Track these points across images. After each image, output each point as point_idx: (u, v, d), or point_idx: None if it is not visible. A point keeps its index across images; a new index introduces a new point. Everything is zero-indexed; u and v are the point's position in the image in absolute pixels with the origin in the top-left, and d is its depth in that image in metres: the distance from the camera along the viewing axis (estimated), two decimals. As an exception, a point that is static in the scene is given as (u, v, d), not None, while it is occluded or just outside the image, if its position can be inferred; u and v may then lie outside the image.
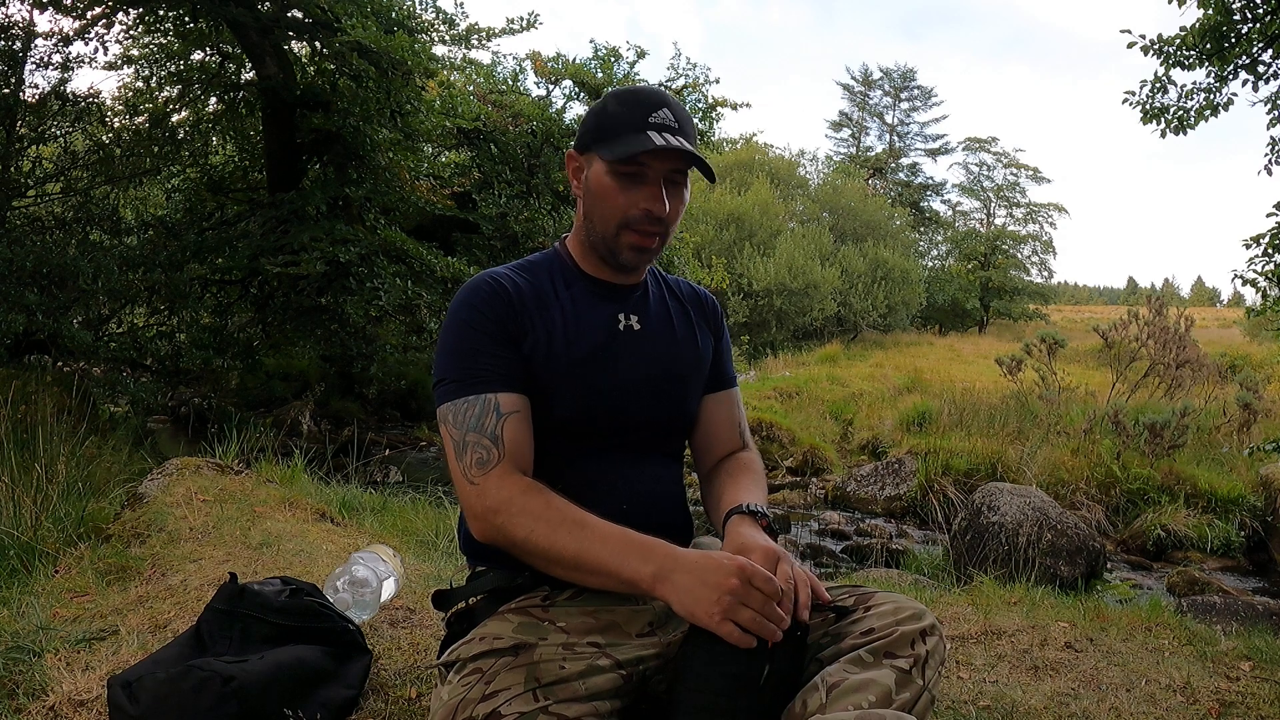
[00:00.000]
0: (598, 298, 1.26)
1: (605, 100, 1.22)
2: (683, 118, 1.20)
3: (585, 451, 1.21)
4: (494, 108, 10.56)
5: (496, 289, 1.20)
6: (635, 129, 1.16)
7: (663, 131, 1.16)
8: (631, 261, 1.22)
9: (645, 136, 1.15)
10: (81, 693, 1.39)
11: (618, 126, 1.17)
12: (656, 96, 1.19)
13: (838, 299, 20.00)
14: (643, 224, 1.19)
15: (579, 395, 1.19)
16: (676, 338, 1.31)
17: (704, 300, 1.41)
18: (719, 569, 0.98)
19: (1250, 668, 1.92)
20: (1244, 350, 14.74)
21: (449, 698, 1.01)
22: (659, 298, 1.34)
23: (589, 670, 1.05)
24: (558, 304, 1.23)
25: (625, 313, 1.26)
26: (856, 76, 35.04)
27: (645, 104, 1.17)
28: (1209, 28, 4.79)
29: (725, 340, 1.42)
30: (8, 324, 5.78)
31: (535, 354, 1.18)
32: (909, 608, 1.10)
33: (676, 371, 1.28)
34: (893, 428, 8.38)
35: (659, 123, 1.16)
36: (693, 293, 1.40)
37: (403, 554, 2.28)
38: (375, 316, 8.67)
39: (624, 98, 1.20)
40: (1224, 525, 5.52)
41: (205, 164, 10.00)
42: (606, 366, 1.21)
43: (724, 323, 1.43)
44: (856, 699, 0.99)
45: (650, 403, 1.24)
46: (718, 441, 1.37)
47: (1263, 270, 5.10)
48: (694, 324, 1.35)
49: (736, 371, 1.47)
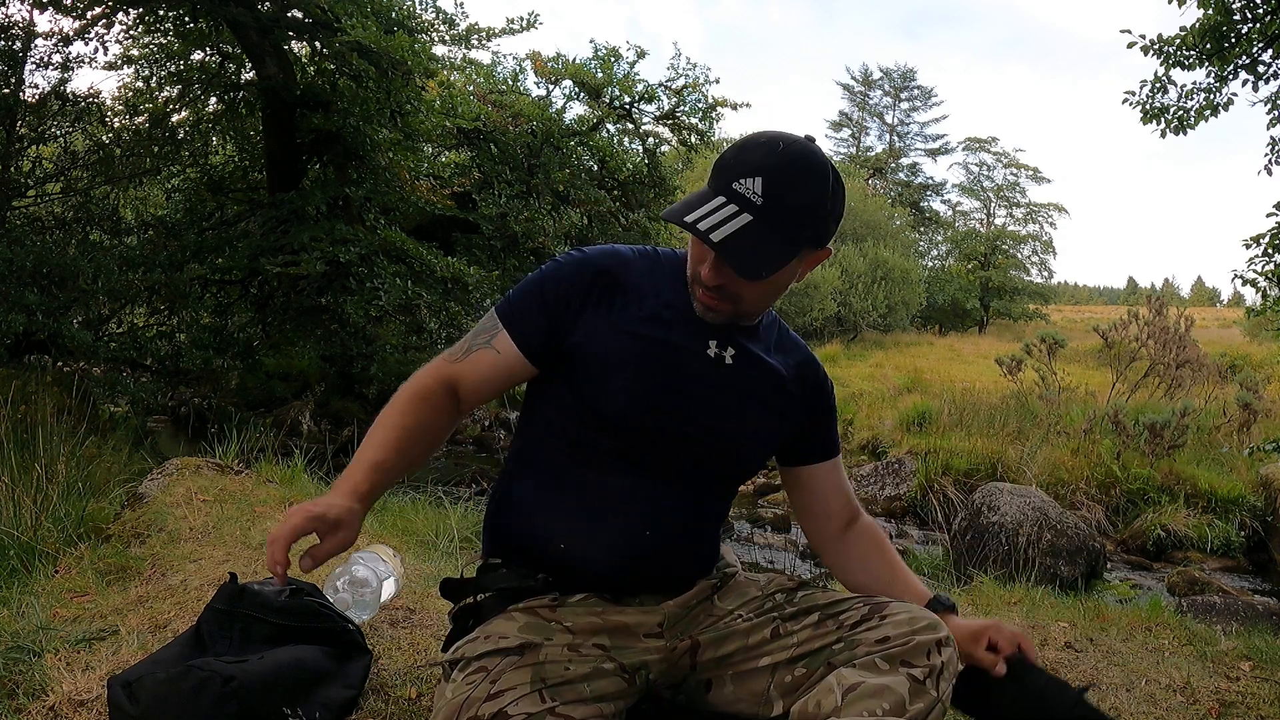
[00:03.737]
0: (696, 317, 1.17)
1: (738, 141, 1.11)
2: (780, 194, 1.04)
3: (625, 465, 1.15)
4: (494, 108, 10.57)
5: (589, 268, 1.17)
6: (716, 186, 1.06)
7: (732, 201, 1.04)
8: (700, 314, 1.15)
9: (704, 205, 1.04)
10: (81, 693, 1.39)
11: (716, 173, 1.08)
12: (760, 158, 1.05)
13: (838, 299, 19.99)
14: (701, 284, 1.11)
15: (635, 396, 1.13)
16: (767, 387, 1.22)
17: (811, 371, 1.31)
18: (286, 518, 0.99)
19: (1250, 668, 1.93)
20: (1244, 350, 14.73)
21: (454, 696, 1.01)
22: (765, 348, 1.24)
23: (594, 673, 1.05)
24: (654, 301, 1.17)
25: (719, 341, 1.18)
26: (856, 76, 35.08)
27: (744, 164, 1.05)
28: (1209, 28, 4.79)
29: (832, 415, 1.34)
30: (8, 324, 5.78)
31: (601, 333, 1.14)
32: (924, 618, 1.09)
33: (751, 414, 1.20)
34: (893, 428, 8.38)
35: (739, 192, 1.04)
36: (803, 359, 1.30)
37: (403, 554, 2.27)
38: (375, 316, 8.66)
39: (743, 147, 1.08)
40: (1224, 525, 5.52)
41: (205, 164, 10.00)
42: (676, 382, 1.15)
43: (830, 397, 1.34)
44: (871, 704, 0.98)
45: (710, 438, 1.17)
46: (833, 510, 1.33)
47: (1263, 270, 5.10)
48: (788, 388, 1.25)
49: None
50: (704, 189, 1.08)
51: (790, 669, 1.13)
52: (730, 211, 1.03)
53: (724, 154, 1.09)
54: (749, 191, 1.03)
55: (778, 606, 1.19)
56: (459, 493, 4.40)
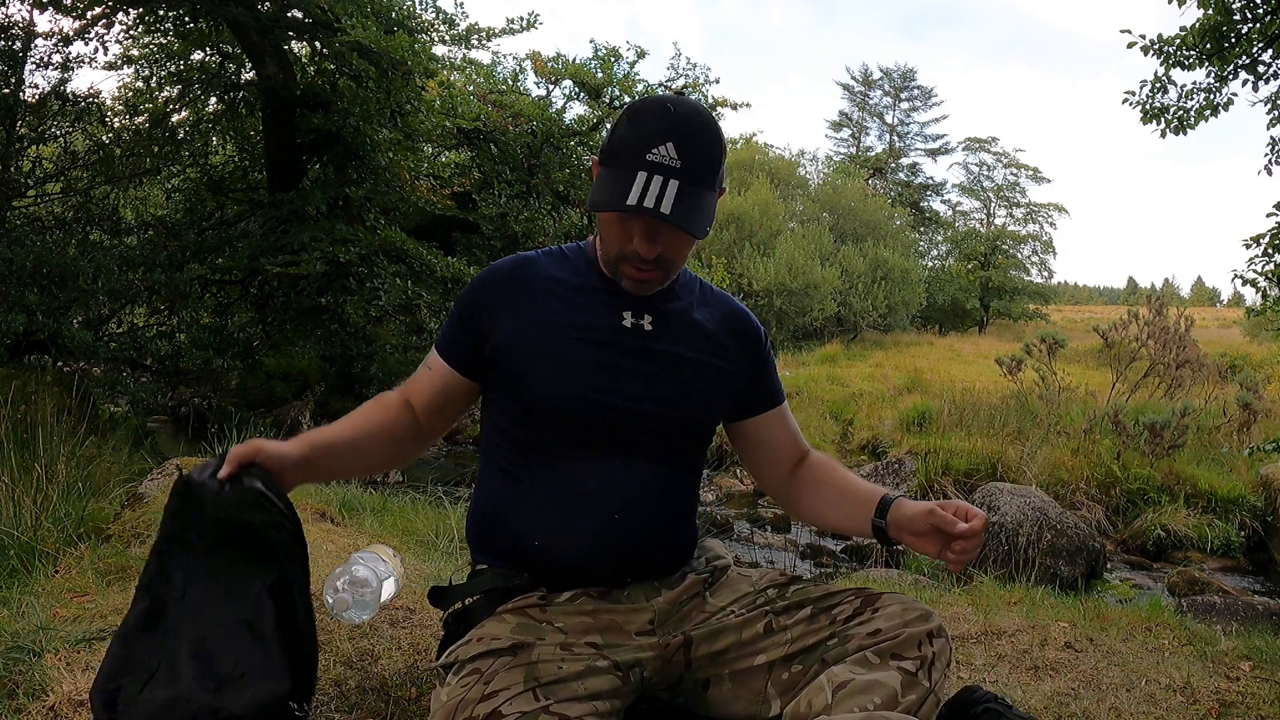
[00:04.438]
0: (606, 293, 1.22)
1: (622, 115, 1.14)
2: (691, 149, 1.08)
3: (578, 451, 1.17)
4: (494, 108, 10.57)
5: (489, 278, 1.25)
6: (630, 164, 1.07)
7: (655, 174, 1.06)
8: (633, 290, 1.19)
9: (629, 183, 1.06)
10: (81, 693, 1.39)
11: (619, 155, 1.10)
12: (663, 124, 1.08)
13: (838, 299, 19.98)
14: (636, 261, 1.14)
15: (562, 381, 1.15)
16: (694, 345, 1.24)
17: (740, 319, 1.32)
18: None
19: (1250, 668, 1.93)
20: (1244, 350, 14.72)
21: (448, 698, 1.01)
22: (686, 306, 1.26)
23: (587, 671, 1.05)
24: (562, 289, 1.22)
25: (634, 310, 1.21)
26: (856, 76, 35.05)
27: (649, 134, 1.07)
28: (1209, 28, 4.79)
29: (768, 360, 1.35)
30: (8, 324, 5.78)
31: (517, 333, 1.19)
32: (916, 609, 1.11)
33: (689, 377, 1.22)
34: (893, 428, 8.37)
35: (656, 161, 1.06)
36: (729, 311, 1.32)
37: (403, 554, 2.27)
38: (375, 316, 8.67)
39: (635, 118, 1.11)
40: (1224, 525, 5.51)
41: (205, 164, 10.00)
42: (599, 358, 1.17)
43: (765, 343, 1.35)
44: (862, 700, 0.99)
45: (653, 405, 1.18)
46: (784, 453, 1.35)
47: (1263, 270, 5.10)
48: (719, 341, 1.27)
49: None
50: (613, 171, 1.10)
51: (786, 666, 1.13)
52: (659, 183, 1.06)
53: (614, 135, 1.13)
54: (665, 158, 1.06)
55: (770, 601, 1.19)
56: (459, 493, 4.40)
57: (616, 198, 1.07)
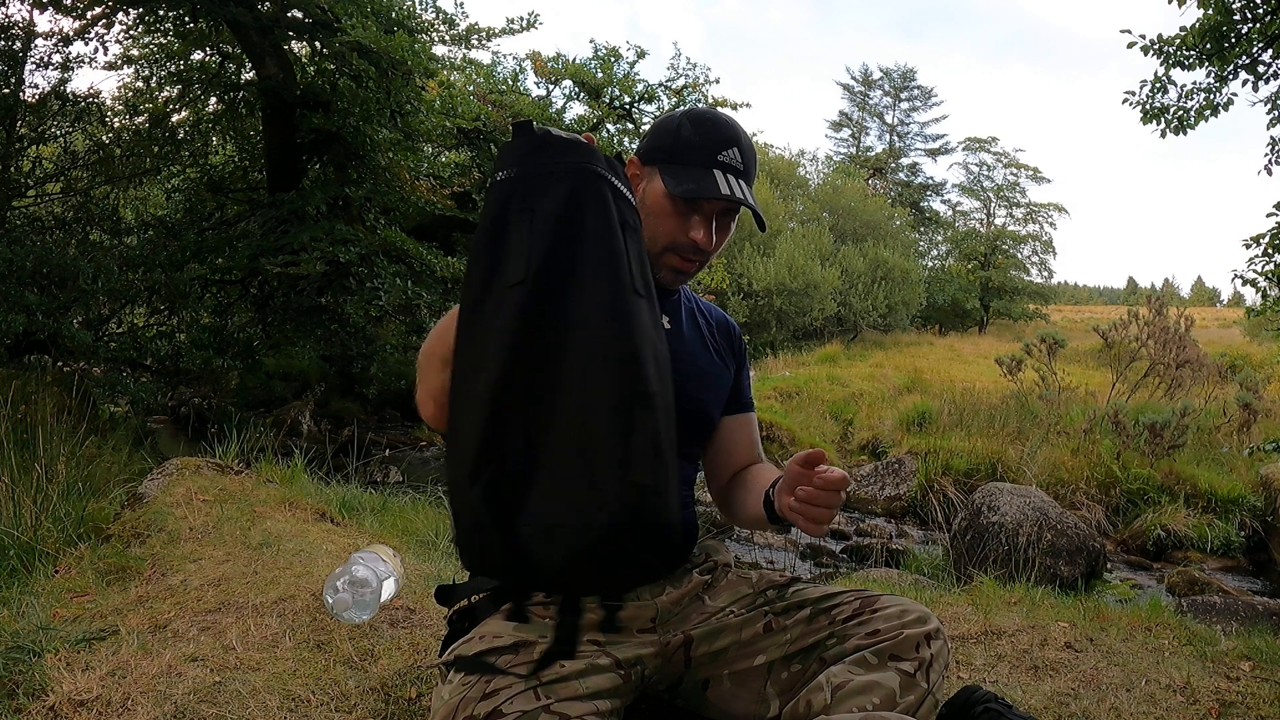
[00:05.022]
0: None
1: (681, 121, 1.24)
2: (748, 157, 1.23)
3: None
4: (494, 108, 10.56)
5: None
6: (704, 164, 1.20)
7: (728, 173, 1.20)
8: (668, 281, 1.27)
9: (712, 178, 1.18)
10: (81, 693, 1.39)
11: (688, 155, 1.21)
12: (729, 132, 1.22)
13: (838, 299, 19.98)
14: (688, 251, 1.23)
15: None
16: (705, 345, 1.36)
17: (730, 328, 1.45)
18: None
19: (1250, 668, 1.92)
20: (1244, 350, 14.73)
21: (450, 696, 1.01)
22: (689, 312, 1.38)
23: (589, 669, 1.05)
24: None
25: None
26: (856, 76, 35.04)
27: (718, 140, 1.21)
28: (1209, 28, 4.79)
29: (746, 367, 1.45)
30: (8, 324, 5.77)
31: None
32: (914, 611, 1.11)
33: (701, 375, 1.31)
34: (893, 428, 8.37)
35: (726, 163, 1.21)
36: (721, 319, 1.45)
37: (403, 554, 2.27)
38: (375, 316, 8.66)
39: (701, 125, 1.22)
40: (1224, 525, 5.51)
41: (205, 164, 9.99)
42: None
43: (745, 351, 1.47)
44: (861, 701, 0.99)
45: (680, 402, 1.22)
46: (737, 458, 1.40)
47: (1263, 270, 5.11)
48: (718, 346, 1.39)
49: None
50: (683, 168, 1.19)
51: (786, 666, 1.13)
52: (734, 180, 1.20)
53: (680, 135, 1.21)
54: (734, 160, 1.22)
55: (769, 602, 1.20)
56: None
57: (709, 188, 1.18)
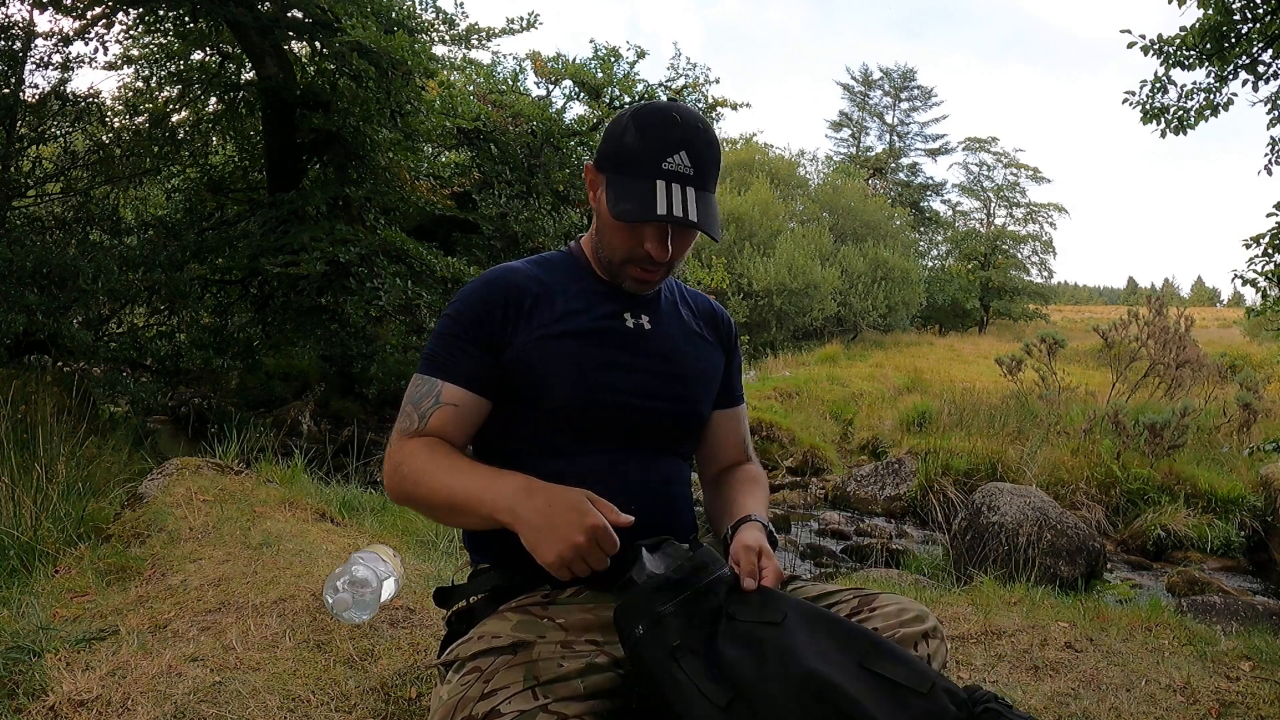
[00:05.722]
0: (605, 296, 1.26)
1: (627, 125, 1.16)
2: (703, 157, 1.14)
3: (592, 449, 1.20)
4: (494, 108, 10.56)
5: (496, 288, 1.22)
6: (647, 174, 1.12)
7: (674, 182, 1.11)
8: (635, 290, 1.25)
9: (653, 194, 1.10)
10: (81, 693, 1.39)
11: (632, 163, 1.13)
12: (677, 133, 1.12)
13: (838, 299, 19.98)
14: (646, 263, 1.20)
15: (577, 382, 1.18)
16: (688, 342, 1.32)
17: (718, 316, 1.41)
18: (569, 524, 1.00)
19: (1250, 668, 1.92)
20: (1244, 350, 14.73)
21: (448, 697, 1.01)
22: (671, 304, 1.34)
23: (587, 669, 1.05)
24: (564, 297, 1.24)
25: (633, 311, 1.27)
26: (856, 76, 35.06)
27: (663, 144, 1.12)
28: (1209, 28, 4.79)
29: (737, 359, 1.42)
30: (8, 324, 5.77)
31: (531, 343, 1.19)
32: (912, 610, 1.11)
33: (687, 372, 1.29)
34: (893, 428, 8.38)
35: (673, 170, 1.11)
36: (708, 307, 1.41)
37: (403, 554, 2.27)
38: (375, 316, 8.66)
39: (646, 129, 1.14)
40: (1224, 525, 5.51)
41: (205, 164, 9.99)
42: (610, 358, 1.21)
43: (737, 342, 1.43)
44: None
45: (659, 401, 1.23)
46: (724, 454, 1.39)
47: (1263, 270, 5.11)
48: (705, 336, 1.36)
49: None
50: (628, 180, 1.13)
51: None
52: (678, 191, 1.11)
53: (621, 143, 1.15)
54: (680, 166, 1.12)
55: None
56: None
57: (646, 209, 1.11)
